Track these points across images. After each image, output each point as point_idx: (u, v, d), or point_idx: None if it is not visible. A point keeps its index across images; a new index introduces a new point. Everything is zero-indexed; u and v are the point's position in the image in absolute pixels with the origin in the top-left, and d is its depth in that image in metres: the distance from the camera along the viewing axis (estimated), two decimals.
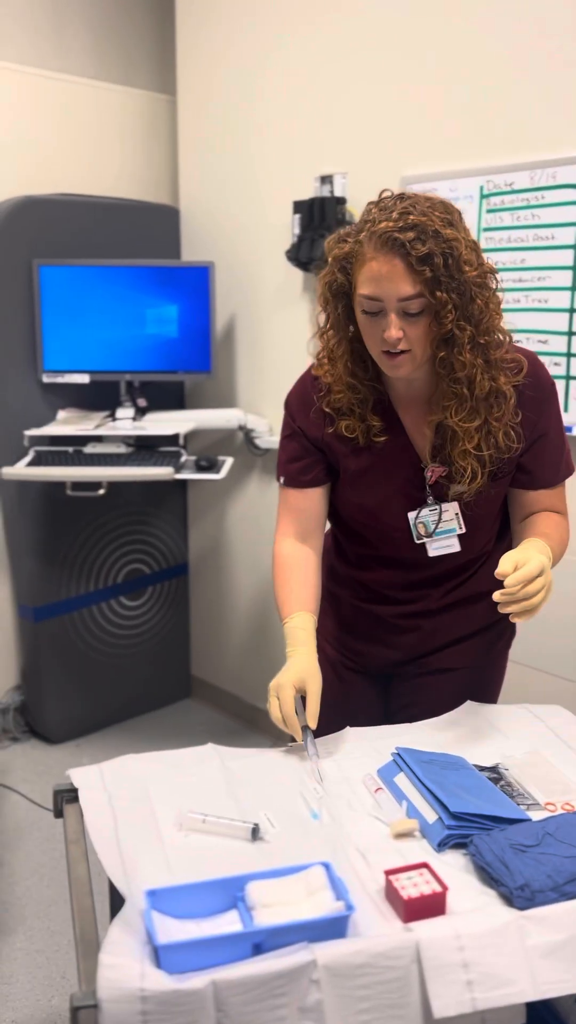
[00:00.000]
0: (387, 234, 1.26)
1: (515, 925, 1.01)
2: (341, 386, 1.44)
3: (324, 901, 1.02)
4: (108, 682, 3.12)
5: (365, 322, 1.35)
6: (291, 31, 2.58)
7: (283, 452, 1.56)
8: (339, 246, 1.36)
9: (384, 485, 1.48)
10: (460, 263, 1.28)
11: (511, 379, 1.39)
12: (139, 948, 0.97)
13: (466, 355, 1.33)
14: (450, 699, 1.57)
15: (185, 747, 1.43)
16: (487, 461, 1.41)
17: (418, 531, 1.49)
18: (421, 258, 1.26)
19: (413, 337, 1.32)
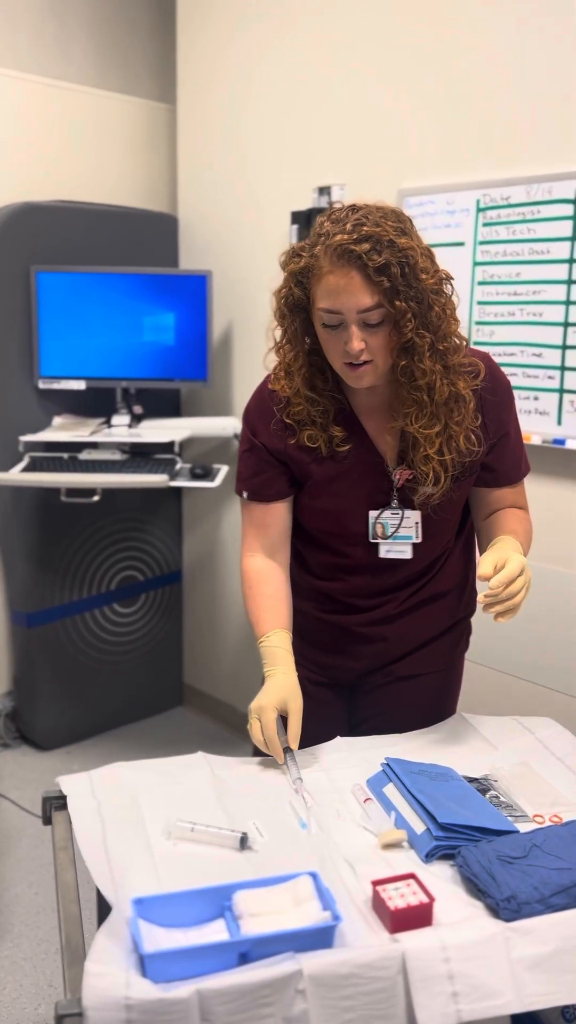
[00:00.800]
0: (342, 246, 1.27)
1: (501, 937, 1.01)
2: (300, 399, 1.44)
3: (311, 911, 1.02)
4: (100, 689, 3.12)
5: (325, 335, 1.35)
6: (290, 43, 2.59)
7: (244, 466, 1.54)
8: (294, 261, 1.35)
9: (351, 492, 1.48)
10: (417, 271, 1.29)
11: (469, 383, 1.40)
12: (125, 956, 0.97)
13: (426, 362, 1.34)
14: (415, 707, 1.58)
15: (176, 755, 1.43)
16: (449, 465, 1.42)
17: (375, 530, 1.48)
18: (378, 268, 1.26)
19: (375, 347, 1.32)
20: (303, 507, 1.54)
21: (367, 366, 1.34)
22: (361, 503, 1.48)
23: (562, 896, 1.06)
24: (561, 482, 2.14)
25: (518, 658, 2.28)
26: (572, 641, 2.17)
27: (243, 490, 1.54)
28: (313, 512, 1.53)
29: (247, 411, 1.53)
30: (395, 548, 1.49)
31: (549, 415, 2.12)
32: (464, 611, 1.65)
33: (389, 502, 1.48)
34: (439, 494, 1.44)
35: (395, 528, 1.48)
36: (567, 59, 1.99)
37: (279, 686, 1.39)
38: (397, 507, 1.47)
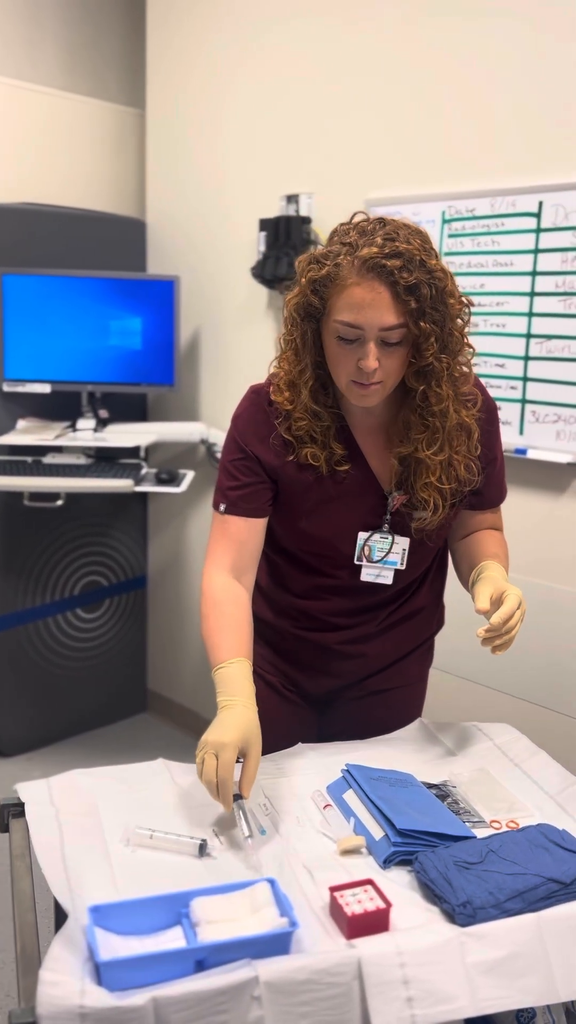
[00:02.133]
0: (372, 260, 1.22)
1: (456, 942, 1.02)
2: (303, 413, 1.38)
3: (269, 917, 1.03)
4: (63, 695, 3.09)
5: (338, 350, 1.30)
6: (260, 51, 2.61)
7: (227, 477, 1.46)
8: (314, 267, 1.29)
9: (345, 515, 1.44)
10: (444, 294, 1.27)
11: (471, 412, 1.39)
12: (80, 965, 0.96)
13: (444, 387, 1.32)
14: (385, 721, 1.57)
15: (140, 762, 1.42)
16: (448, 494, 1.40)
17: (362, 552, 1.45)
18: (408, 287, 1.23)
19: (388, 368, 1.29)
20: (290, 529, 1.48)
21: (376, 386, 1.30)
22: (353, 525, 1.45)
23: (517, 901, 1.07)
24: (523, 491, 2.17)
25: (478, 664, 2.30)
26: (532, 648, 2.19)
27: (222, 502, 1.46)
28: (301, 534, 1.47)
29: (240, 421, 1.45)
30: (379, 573, 1.47)
31: (511, 425, 2.14)
32: (435, 628, 1.66)
33: (380, 525, 1.45)
34: (436, 521, 1.42)
35: (384, 553, 1.45)
36: (532, 76, 2.03)
37: (241, 723, 1.25)
38: (388, 532, 1.44)
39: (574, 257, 1.99)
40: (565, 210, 1.99)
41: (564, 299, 2.01)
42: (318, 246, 1.35)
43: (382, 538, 1.45)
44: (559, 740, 1.89)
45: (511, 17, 2.04)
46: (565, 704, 2.14)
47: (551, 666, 2.16)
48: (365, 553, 1.45)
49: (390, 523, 1.45)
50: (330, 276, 1.26)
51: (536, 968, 1.02)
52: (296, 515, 1.46)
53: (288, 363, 1.39)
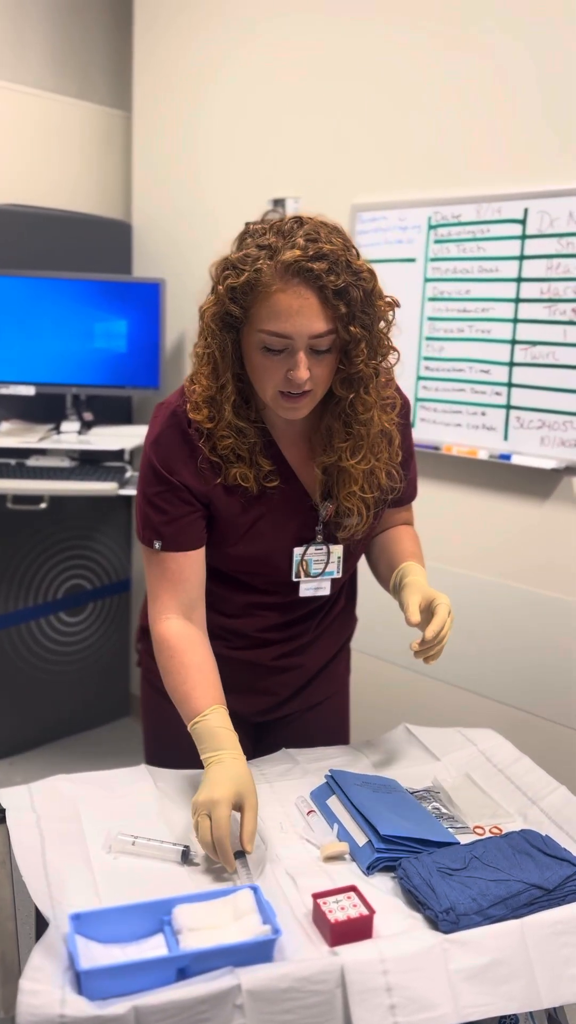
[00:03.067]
0: (297, 263, 1.14)
1: (439, 949, 1.02)
2: (227, 431, 1.28)
3: (251, 925, 1.02)
4: (45, 699, 3.07)
5: (263, 361, 1.21)
6: (248, 55, 2.61)
7: (154, 512, 1.33)
8: (231, 274, 1.20)
9: (279, 531, 1.37)
10: (373, 296, 1.21)
11: (390, 417, 1.33)
12: (61, 973, 0.95)
13: (371, 394, 1.26)
14: (322, 734, 1.56)
15: (122, 766, 1.41)
16: (371, 503, 1.36)
17: (299, 569, 1.38)
18: (337, 291, 1.16)
19: (318, 377, 1.21)
20: (222, 552, 1.38)
21: (306, 396, 1.23)
22: (286, 541, 1.37)
23: (500, 907, 1.07)
24: (507, 497, 2.18)
25: (461, 669, 2.31)
26: (516, 652, 2.20)
27: (155, 539, 1.33)
28: (235, 556, 1.38)
29: (159, 447, 1.33)
30: (318, 585, 1.41)
31: (496, 431, 2.15)
32: (353, 624, 1.64)
33: (314, 538, 1.38)
34: (362, 529, 1.37)
35: (322, 565, 1.40)
36: (519, 83, 2.04)
37: (231, 776, 1.17)
38: (322, 543, 1.39)
39: (559, 264, 2.00)
40: (550, 217, 2.00)
41: (549, 305, 2.02)
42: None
43: (317, 550, 1.39)
44: (542, 745, 1.89)
45: (498, 25, 2.05)
46: (548, 709, 2.15)
47: (534, 671, 2.17)
48: (303, 568, 1.39)
49: (323, 533, 1.39)
50: (250, 283, 1.17)
51: (519, 974, 1.02)
52: (229, 540, 1.37)
53: (206, 378, 1.29)
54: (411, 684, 2.41)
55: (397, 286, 2.30)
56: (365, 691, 2.42)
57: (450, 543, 2.29)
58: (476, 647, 2.27)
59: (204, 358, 1.29)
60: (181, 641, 1.33)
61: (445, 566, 2.30)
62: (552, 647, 2.13)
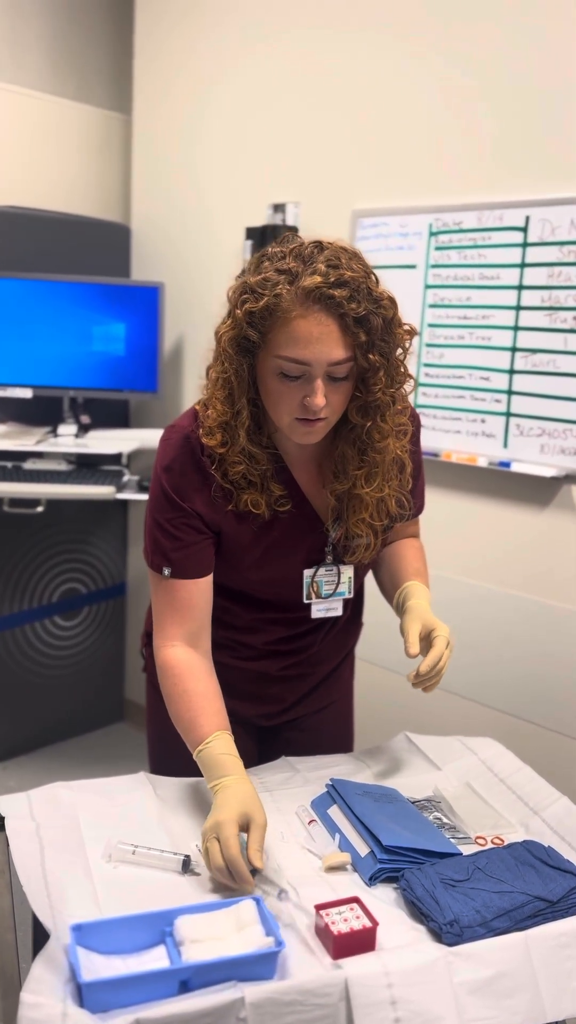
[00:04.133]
0: (318, 290, 1.13)
1: (443, 961, 1.01)
2: (240, 456, 1.27)
3: (254, 936, 1.01)
4: (39, 703, 3.05)
5: (279, 386, 1.20)
6: (249, 58, 2.60)
7: (165, 538, 1.31)
8: (250, 298, 1.18)
9: (289, 556, 1.36)
10: (392, 324, 1.20)
11: (402, 444, 1.32)
12: (62, 986, 0.94)
13: (388, 422, 1.25)
14: (324, 740, 1.55)
15: (117, 771, 1.40)
16: (379, 530, 1.35)
17: (311, 590, 1.38)
18: (358, 319, 1.15)
19: (334, 403, 1.21)
20: (233, 576, 1.38)
21: (321, 422, 1.22)
22: (297, 564, 1.37)
23: (504, 919, 1.06)
24: (507, 505, 2.18)
25: (460, 678, 2.30)
26: (516, 661, 2.20)
27: (164, 566, 1.32)
28: (245, 581, 1.38)
29: (174, 474, 1.31)
30: (329, 606, 1.41)
31: (495, 438, 2.15)
32: (357, 635, 1.63)
33: (323, 559, 1.38)
34: (370, 555, 1.37)
35: (333, 587, 1.39)
36: (521, 91, 2.04)
37: (237, 797, 1.16)
38: (332, 563, 1.38)
39: (560, 272, 2.00)
40: (552, 225, 2.00)
41: (550, 313, 2.02)
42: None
43: (327, 571, 1.38)
44: (543, 755, 1.89)
45: (500, 32, 2.05)
46: (549, 718, 2.15)
47: (534, 679, 2.16)
48: (314, 590, 1.38)
49: (332, 554, 1.38)
50: (269, 308, 1.16)
51: (524, 987, 1.01)
52: (240, 566, 1.36)
53: (221, 403, 1.27)
54: (411, 692, 2.40)
55: (398, 292, 2.28)
56: (365, 698, 2.41)
57: (449, 550, 2.28)
58: (476, 655, 2.27)
59: (220, 383, 1.27)
60: (185, 669, 1.31)
61: (444, 573, 2.30)
62: (552, 656, 2.12)
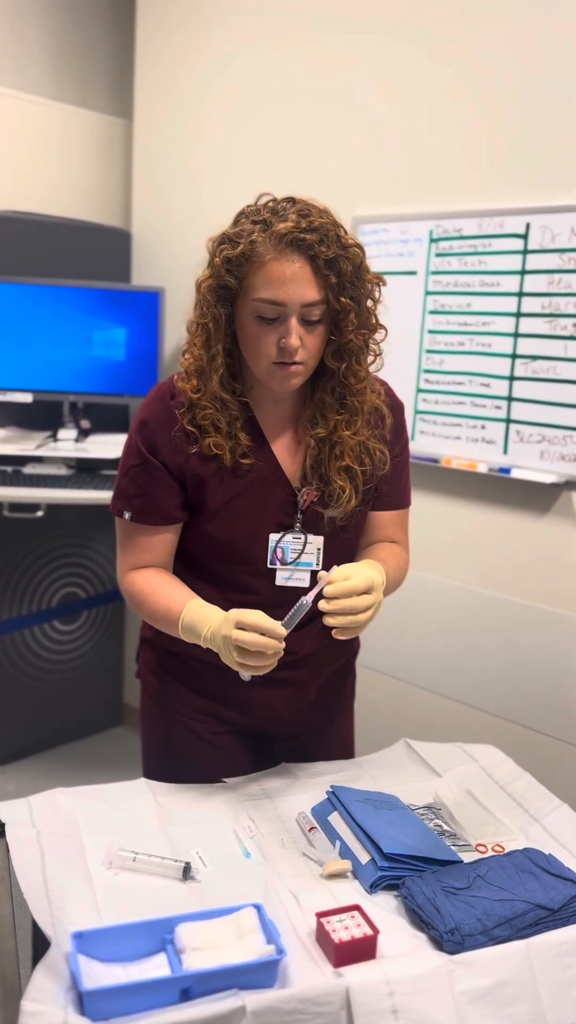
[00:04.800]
0: (290, 235, 1.20)
1: (445, 970, 1.01)
2: (210, 401, 1.31)
3: (255, 944, 1.01)
4: (38, 707, 3.05)
5: (257, 330, 1.25)
6: (250, 65, 2.61)
7: (129, 482, 1.38)
8: (227, 247, 1.25)
9: (253, 514, 1.37)
10: (361, 270, 1.26)
11: (379, 396, 1.38)
12: (63, 994, 0.94)
13: (363, 365, 1.31)
14: (327, 750, 1.54)
15: (116, 776, 1.40)
16: (361, 480, 1.36)
17: (275, 555, 1.38)
18: (328, 261, 1.22)
19: (310, 347, 1.26)
20: (197, 534, 1.40)
21: (299, 367, 1.27)
22: (263, 526, 1.38)
23: (505, 928, 1.06)
24: (507, 511, 2.18)
25: (459, 683, 2.30)
26: (516, 667, 2.20)
27: (125, 509, 1.39)
28: (210, 540, 1.39)
29: (143, 418, 1.37)
30: (295, 576, 1.39)
31: (495, 444, 2.15)
32: (353, 649, 1.61)
33: (292, 525, 1.38)
34: (346, 514, 1.37)
35: (296, 554, 1.38)
36: (522, 98, 2.05)
37: (222, 615, 1.26)
38: (300, 531, 1.38)
39: (560, 279, 2.00)
40: (552, 232, 2.01)
41: (550, 320, 2.03)
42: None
43: (295, 538, 1.38)
44: (544, 762, 1.89)
45: (500, 40, 2.06)
46: (549, 725, 2.15)
47: (533, 685, 2.16)
48: (278, 556, 1.38)
49: (302, 522, 1.38)
50: (245, 254, 1.23)
51: (525, 996, 1.01)
52: (203, 516, 1.38)
53: (198, 348, 1.32)
54: (410, 697, 2.41)
55: (398, 298, 2.30)
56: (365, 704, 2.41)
57: (448, 556, 2.29)
58: (476, 661, 2.27)
59: (197, 329, 1.32)
60: (148, 579, 1.38)
61: (443, 579, 2.30)
62: (551, 662, 2.12)
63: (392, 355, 2.30)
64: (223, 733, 1.50)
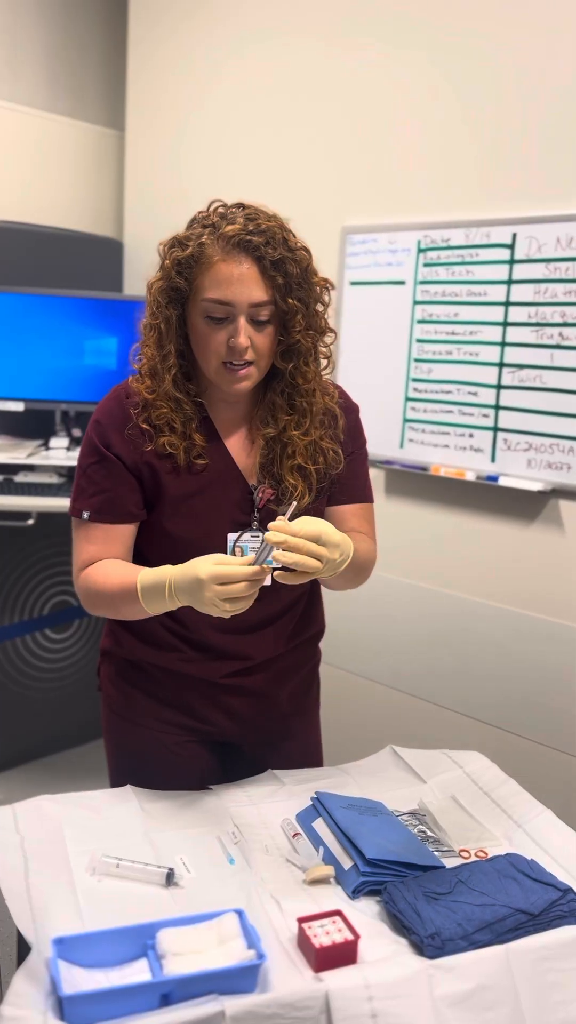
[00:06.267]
0: (237, 236, 1.23)
1: (424, 974, 1.01)
2: (164, 401, 1.32)
3: (236, 949, 1.01)
4: (29, 716, 3.05)
5: (207, 330, 1.27)
6: (241, 76, 2.63)
7: (87, 481, 1.37)
8: (177, 249, 1.28)
9: (209, 513, 1.37)
10: (308, 273, 1.29)
11: (334, 398, 1.40)
12: (43, 999, 0.94)
13: (311, 366, 1.32)
14: (295, 760, 1.53)
15: (105, 785, 1.40)
16: (315, 479, 1.37)
17: (234, 553, 1.36)
18: (274, 263, 1.24)
19: (259, 347, 1.28)
20: (156, 533, 1.39)
21: (250, 368, 1.29)
22: (220, 524, 1.37)
23: (485, 932, 1.07)
24: (494, 519, 2.19)
25: (446, 689, 2.31)
26: (502, 674, 2.20)
27: (84, 509, 1.36)
28: (167, 537, 1.38)
29: (98, 418, 1.37)
30: None
31: (483, 452, 2.17)
32: (314, 653, 1.59)
33: (249, 523, 1.38)
34: (300, 508, 1.34)
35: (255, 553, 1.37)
36: (507, 110, 2.07)
37: (180, 566, 1.20)
38: (258, 529, 1.38)
39: (546, 288, 2.02)
40: (538, 242, 2.03)
41: (536, 329, 2.04)
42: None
43: (252, 536, 1.38)
44: (528, 768, 1.89)
45: (487, 53, 2.08)
46: (534, 731, 2.15)
47: (520, 691, 2.17)
48: (237, 554, 1.36)
49: (259, 520, 1.38)
50: (194, 256, 1.26)
51: (504, 1000, 1.02)
52: (162, 512, 1.37)
53: (151, 349, 1.33)
54: (397, 704, 2.41)
55: (386, 308, 2.32)
56: (351, 710, 2.42)
57: (437, 563, 2.29)
58: (463, 668, 2.27)
59: (150, 330, 1.34)
60: (99, 568, 1.34)
61: (431, 586, 2.31)
62: (537, 668, 2.13)
63: (380, 364, 2.35)
64: (189, 743, 1.48)
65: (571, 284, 1.98)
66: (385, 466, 2.36)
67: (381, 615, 2.37)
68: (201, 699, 1.46)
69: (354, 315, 2.40)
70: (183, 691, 1.45)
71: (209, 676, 1.46)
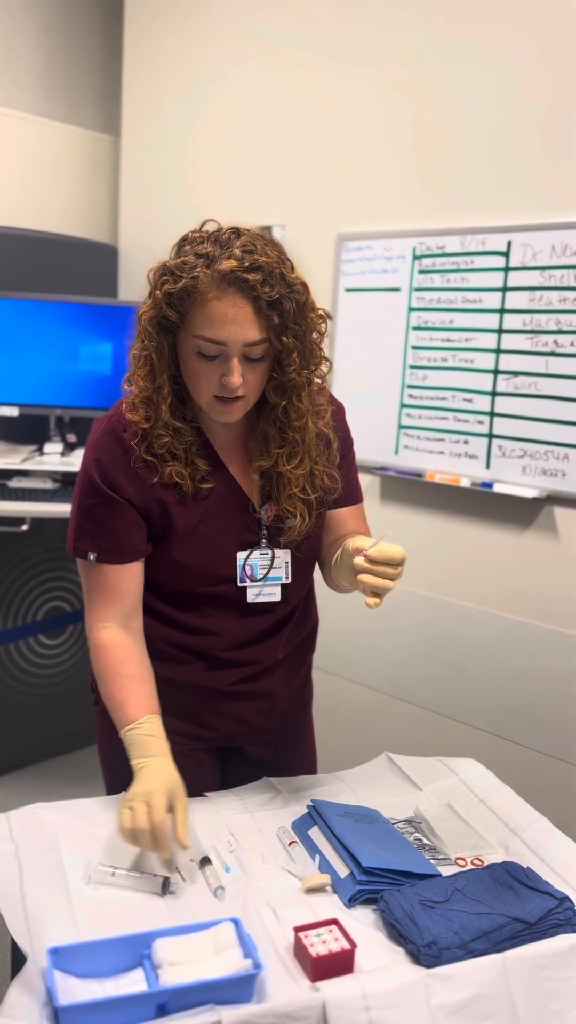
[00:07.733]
0: (233, 274, 1.18)
1: (421, 984, 1.01)
2: (164, 430, 1.30)
3: (232, 959, 1.01)
4: (22, 722, 3.03)
5: (198, 366, 1.25)
6: (237, 82, 2.64)
7: (89, 522, 1.34)
8: (169, 280, 1.23)
9: (218, 536, 1.36)
10: (305, 308, 1.25)
11: (326, 421, 1.37)
12: (39, 1010, 0.94)
13: (304, 401, 1.30)
14: (294, 761, 1.54)
15: (100, 792, 1.40)
16: (313, 504, 1.37)
17: (244, 573, 1.37)
18: (271, 303, 1.20)
19: (251, 383, 1.25)
20: (164, 564, 1.38)
21: (239, 402, 1.26)
22: (228, 548, 1.37)
23: (482, 941, 1.06)
24: (489, 525, 2.19)
25: (441, 696, 2.31)
26: (497, 681, 2.21)
27: (90, 551, 1.34)
28: (177, 566, 1.37)
29: (96, 456, 1.33)
30: (265, 591, 1.39)
31: (478, 459, 2.17)
32: (311, 650, 1.60)
33: (258, 542, 1.38)
34: (304, 531, 1.37)
35: (266, 569, 1.39)
36: (503, 118, 2.08)
37: (163, 775, 1.21)
38: (266, 547, 1.38)
39: (541, 296, 2.03)
40: (533, 250, 2.03)
41: (531, 336, 2.05)
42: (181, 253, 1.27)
43: (261, 554, 1.38)
44: (524, 775, 1.89)
45: (483, 59, 2.09)
46: (529, 738, 2.15)
47: (516, 699, 2.17)
48: (247, 573, 1.37)
49: (267, 537, 1.38)
50: (187, 290, 1.21)
51: (501, 1009, 1.02)
52: (171, 544, 1.36)
53: (143, 379, 1.31)
54: (391, 710, 2.41)
55: (381, 315, 2.32)
56: (346, 718, 2.41)
57: (431, 570, 2.30)
58: (458, 675, 2.27)
59: (141, 360, 1.31)
60: (118, 650, 1.34)
61: (426, 592, 2.31)
62: (533, 674, 2.13)
63: (375, 370, 2.35)
64: (193, 750, 1.47)
65: (566, 291, 1.99)
66: (380, 472, 2.36)
67: (376, 622, 2.37)
68: (205, 706, 1.46)
69: (349, 322, 2.40)
70: (186, 699, 1.44)
71: (217, 684, 1.46)
